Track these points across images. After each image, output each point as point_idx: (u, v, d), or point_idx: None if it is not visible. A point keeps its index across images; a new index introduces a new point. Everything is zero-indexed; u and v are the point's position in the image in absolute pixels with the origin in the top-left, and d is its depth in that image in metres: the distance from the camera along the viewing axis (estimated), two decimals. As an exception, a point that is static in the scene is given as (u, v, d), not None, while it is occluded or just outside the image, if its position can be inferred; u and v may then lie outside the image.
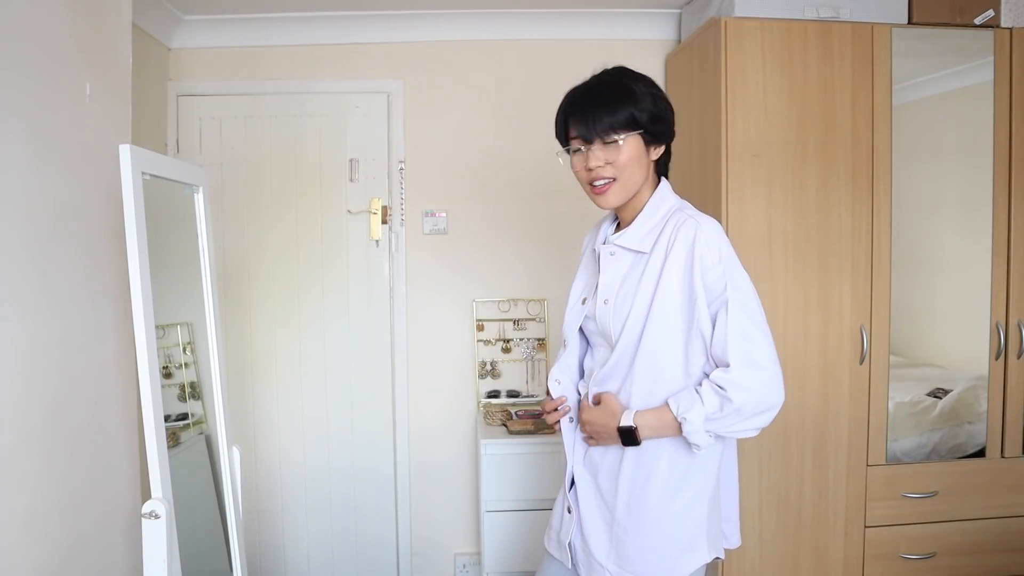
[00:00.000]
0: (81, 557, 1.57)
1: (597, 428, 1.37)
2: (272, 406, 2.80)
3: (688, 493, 1.34)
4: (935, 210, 2.44)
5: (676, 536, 1.34)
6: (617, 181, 1.35)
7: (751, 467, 2.24)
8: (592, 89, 1.37)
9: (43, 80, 1.46)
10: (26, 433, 1.40)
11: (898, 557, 2.30)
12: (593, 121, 1.32)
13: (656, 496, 1.34)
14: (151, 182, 1.50)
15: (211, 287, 1.83)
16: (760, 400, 1.25)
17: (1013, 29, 2.27)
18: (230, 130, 2.75)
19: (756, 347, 1.26)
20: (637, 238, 1.36)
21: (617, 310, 1.36)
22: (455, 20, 2.72)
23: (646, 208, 1.38)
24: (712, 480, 1.37)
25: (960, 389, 2.37)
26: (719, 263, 1.27)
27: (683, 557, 1.34)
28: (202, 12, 2.64)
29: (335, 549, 2.83)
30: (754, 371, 1.25)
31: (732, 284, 1.27)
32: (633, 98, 1.33)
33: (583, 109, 1.35)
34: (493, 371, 2.80)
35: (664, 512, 1.34)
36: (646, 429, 1.31)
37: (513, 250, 2.81)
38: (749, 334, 1.26)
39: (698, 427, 1.26)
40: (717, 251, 1.27)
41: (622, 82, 1.36)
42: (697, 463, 1.34)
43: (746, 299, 1.28)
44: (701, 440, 1.27)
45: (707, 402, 1.25)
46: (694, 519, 1.35)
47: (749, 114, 2.19)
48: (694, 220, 1.30)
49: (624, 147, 1.33)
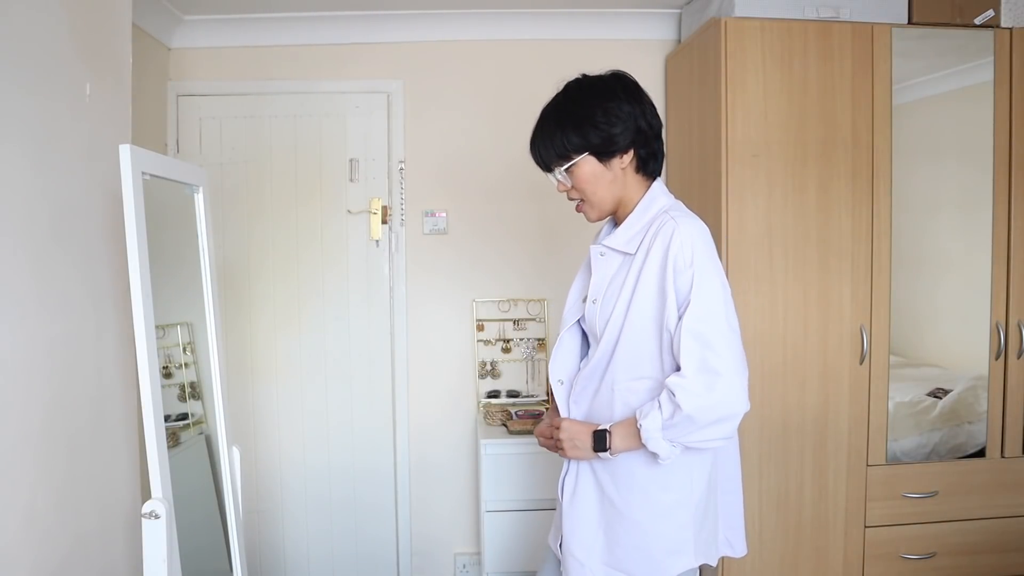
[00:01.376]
0: (81, 557, 1.57)
1: (573, 435, 1.38)
2: (272, 406, 2.80)
3: (671, 494, 1.35)
4: (935, 210, 2.44)
5: (660, 536, 1.35)
6: (585, 201, 1.41)
7: (751, 467, 2.24)
8: (538, 123, 1.42)
9: (43, 80, 1.46)
10: (26, 433, 1.40)
11: (898, 557, 2.30)
12: (540, 156, 1.41)
13: (639, 495, 1.35)
14: (151, 182, 1.50)
15: (211, 287, 1.84)
16: (714, 407, 1.22)
17: (1013, 29, 2.27)
18: (230, 130, 2.75)
19: (714, 353, 1.23)
20: (624, 240, 1.38)
21: (603, 310, 1.38)
22: (455, 20, 2.72)
23: (635, 211, 1.39)
24: (700, 485, 1.36)
25: (960, 389, 2.37)
26: (690, 266, 1.26)
27: (668, 559, 1.36)
28: (202, 12, 2.64)
29: (335, 549, 2.83)
30: (708, 377, 1.22)
31: (698, 287, 1.25)
32: (572, 123, 1.35)
33: (532, 145, 1.42)
34: (493, 371, 2.80)
35: (648, 512, 1.35)
36: (617, 437, 1.32)
37: (513, 250, 2.81)
38: (708, 339, 1.23)
39: (654, 434, 1.25)
40: (691, 253, 1.26)
41: (566, 104, 1.38)
42: (679, 466, 1.34)
43: (710, 303, 1.25)
44: (660, 448, 1.26)
45: (663, 408, 1.24)
46: (679, 522, 1.35)
47: (749, 114, 2.19)
48: (673, 221, 1.30)
49: (576, 171, 1.37)
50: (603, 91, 1.36)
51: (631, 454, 1.34)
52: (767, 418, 2.25)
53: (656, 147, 1.41)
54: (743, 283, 2.21)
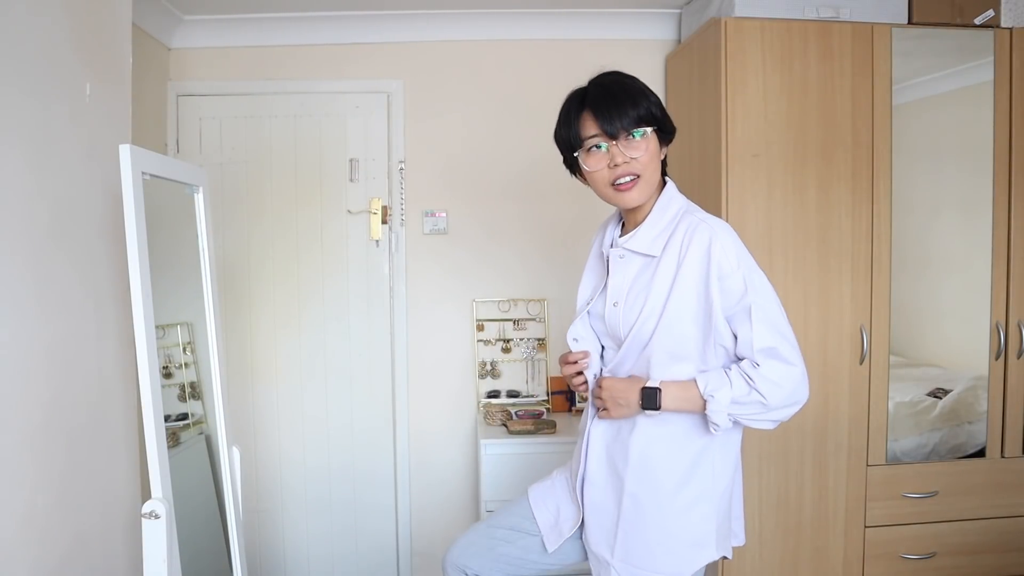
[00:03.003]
0: (81, 557, 1.57)
1: (617, 394, 1.35)
2: (272, 406, 2.80)
3: (695, 487, 1.35)
4: (935, 210, 2.44)
5: (683, 530, 1.35)
6: (641, 177, 1.33)
7: (751, 467, 2.24)
8: (609, 87, 1.34)
9: (43, 80, 1.46)
10: (26, 433, 1.40)
11: (898, 557, 2.30)
12: (620, 115, 1.30)
13: (664, 489, 1.35)
14: (151, 182, 1.50)
15: (211, 287, 1.84)
16: (788, 396, 1.29)
17: (1013, 29, 2.27)
18: (230, 130, 2.75)
19: (787, 344, 1.29)
20: (647, 241, 1.35)
21: (627, 313, 1.36)
22: (455, 20, 2.72)
23: (654, 210, 1.37)
24: (723, 478, 1.38)
25: (960, 389, 2.36)
26: (738, 268, 1.27)
27: (690, 552, 1.35)
28: (202, 12, 2.64)
29: (335, 549, 2.83)
30: (784, 367, 1.28)
31: (754, 287, 1.28)
32: (647, 95, 1.34)
33: (607, 104, 1.31)
34: (493, 371, 2.80)
35: (672, 506, 1.35)
36: (669, 397, 1.31)
37: (513, 250, 2.81)
38: (781, 331, 1.29)
39: (723, 408, 1.28)
40: (735, 256, 1.28)
41: (634, 80, 1.37)
42: (705, 458, 1.35)
43: (770, 300, 1.30)
44: (721, 420, 1.28)
45: (735, 386, 1.27)
46: (702, 514, 1.36)
47: (749, 114, 2.19)
48: (707, 225, 1.30)
49: (646, 142, 1.32)
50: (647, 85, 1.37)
51: (660, 445, 1.35)
52: (767, 418, 2.24)
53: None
54: (743, 283, 2.21)
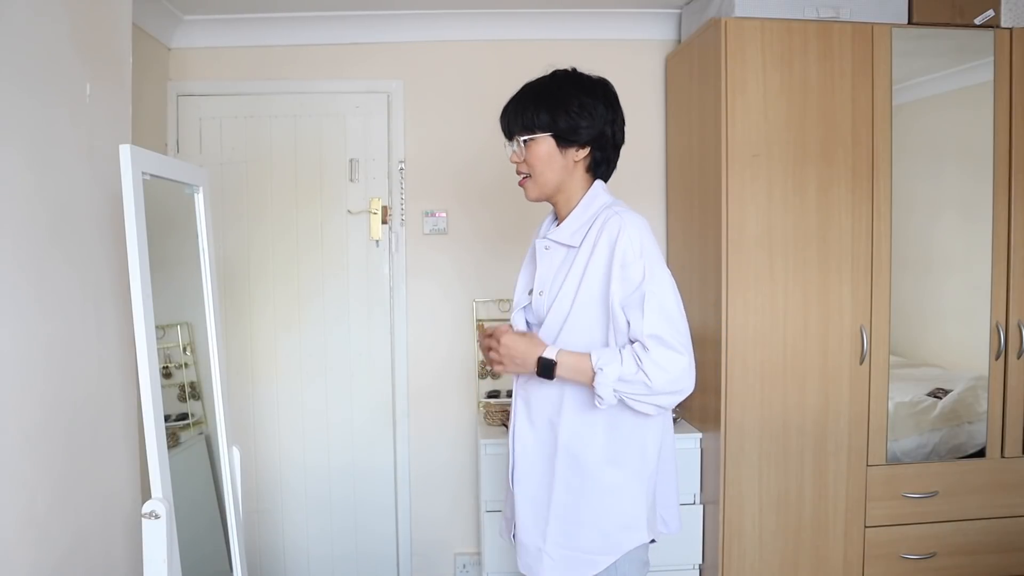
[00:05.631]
0: (81, 557, 1.57)
1: (515, 353, 1.41)
2: (272, 406, 2.80)
3: (625, 469, 1.40)
4: (935, 210, 2.44)
5: (613, 512, 1.40)
6: (531, 177, 1.48)
7: (751, 467, 2.24)
8: (517, 94, 1.49)
9: (43, 80, 1.46)
10: (26, 433, 1.40)
11: (898, 557, 2.30)
12: (507, 123, 1.48)
13: (593, 471, 1.40)
14: (151, 182, 1.50)
15: (211, 287, 1.84)
16: (671, 381, 1.32)
17: (1013, 29, 2.27)
18: (230, 130, 2.75)
19: (676, 333, 1.33)
20: (568, 233, 1.45)
21: (548, 299, 1.45)
22: (455, 20, 2.72)
23: (579, 206, 1.47)
24: (652, 459, 1.43)
25: (960, 389, 2.37)
26: (640, 258, 1.34)
27: (622, 534, 1.41)
28: (202, 12, 2.64)
29: (335, 549, 2.83)
30: (672, 353, 1.32)
31: (653, 277, 1.34)
32: (547, 104, 1.42)
33: (504, 113, 1.49)
34: (493, 371, 2.80)
35: (602, 488, 1.40)
36: (564, 367, 1.37)
37: (513, 250, 2.80)
38: (672, 321, 1.34)
39: (609, 382, 1.32)
40: (639, 245, 1.35)
41: (549, 86, 1.46)
42: (633, 440, 1.40)
43: (667, 292, 1.36)
44: (606, 394, 1.32)
45: (625, 363, 1.32)
46: (631, 495, 1.41)
47: (749, 114, 2.19)
48: (619, 217, 1.38)
49: (533, 147, 1.44)
50: (586, 87, 1.45)
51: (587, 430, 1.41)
52: (767, 418, 2.24)
53: (612, 156, 1.49)
54: (743, 283, 2.21)
